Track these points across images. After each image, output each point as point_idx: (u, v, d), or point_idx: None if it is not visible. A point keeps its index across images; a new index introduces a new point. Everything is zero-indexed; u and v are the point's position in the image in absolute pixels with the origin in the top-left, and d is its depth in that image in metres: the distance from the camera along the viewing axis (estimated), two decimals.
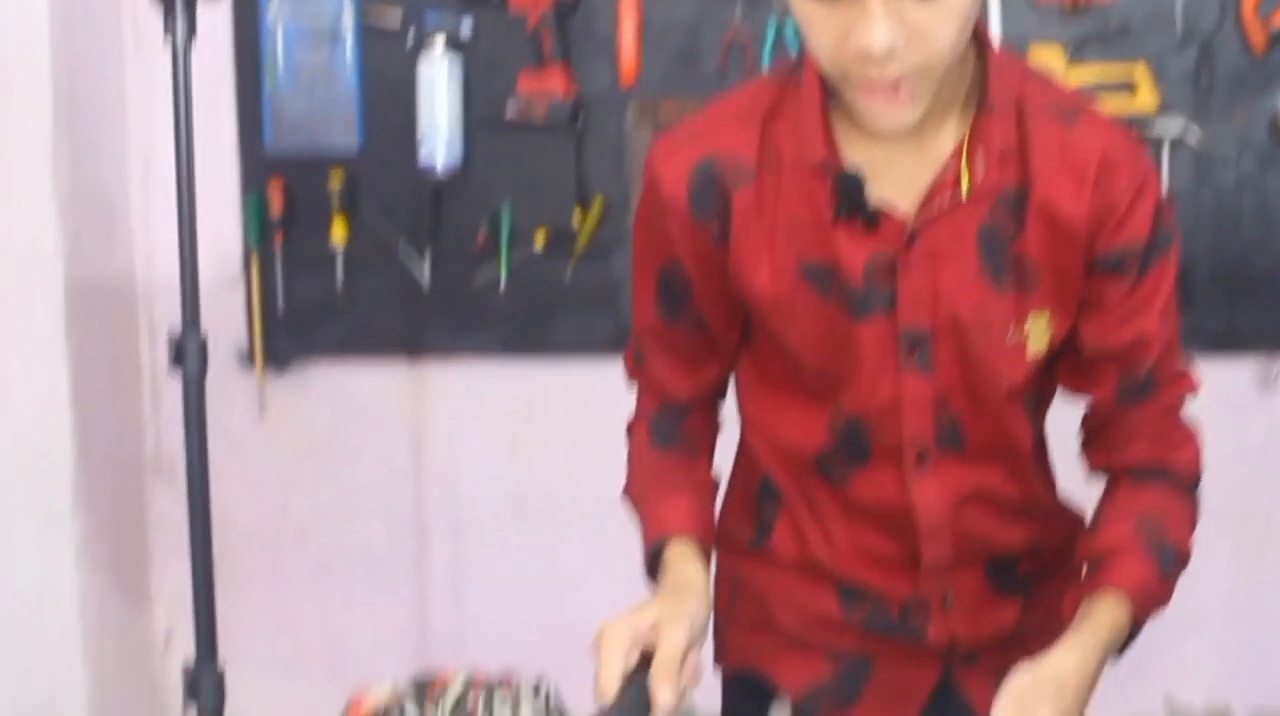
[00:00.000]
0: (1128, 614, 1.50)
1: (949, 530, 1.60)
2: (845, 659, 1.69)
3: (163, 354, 3.16)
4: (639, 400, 1.73)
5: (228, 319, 3.08)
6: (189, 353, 1.45)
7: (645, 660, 1.43)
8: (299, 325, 3.10)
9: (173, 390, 3.14)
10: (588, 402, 3.00)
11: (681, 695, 1.41)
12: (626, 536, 2.98)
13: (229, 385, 3.12)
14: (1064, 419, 1.68)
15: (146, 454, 3.20)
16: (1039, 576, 1.70)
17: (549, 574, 3.15)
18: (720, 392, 1.72)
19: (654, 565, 1.60)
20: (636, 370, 1.72)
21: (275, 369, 3.13)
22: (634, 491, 1.69)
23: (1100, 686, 1.48)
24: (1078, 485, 1.70)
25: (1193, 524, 1.60)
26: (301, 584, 3.22)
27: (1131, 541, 1.53)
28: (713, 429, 1.73)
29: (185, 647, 3.26)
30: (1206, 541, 1.62)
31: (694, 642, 1.45)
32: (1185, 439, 1.61)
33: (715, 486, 1.69)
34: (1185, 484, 1.60)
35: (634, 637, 1.42)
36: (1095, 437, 1.64)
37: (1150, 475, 1.59)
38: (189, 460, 1.47)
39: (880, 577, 1.64)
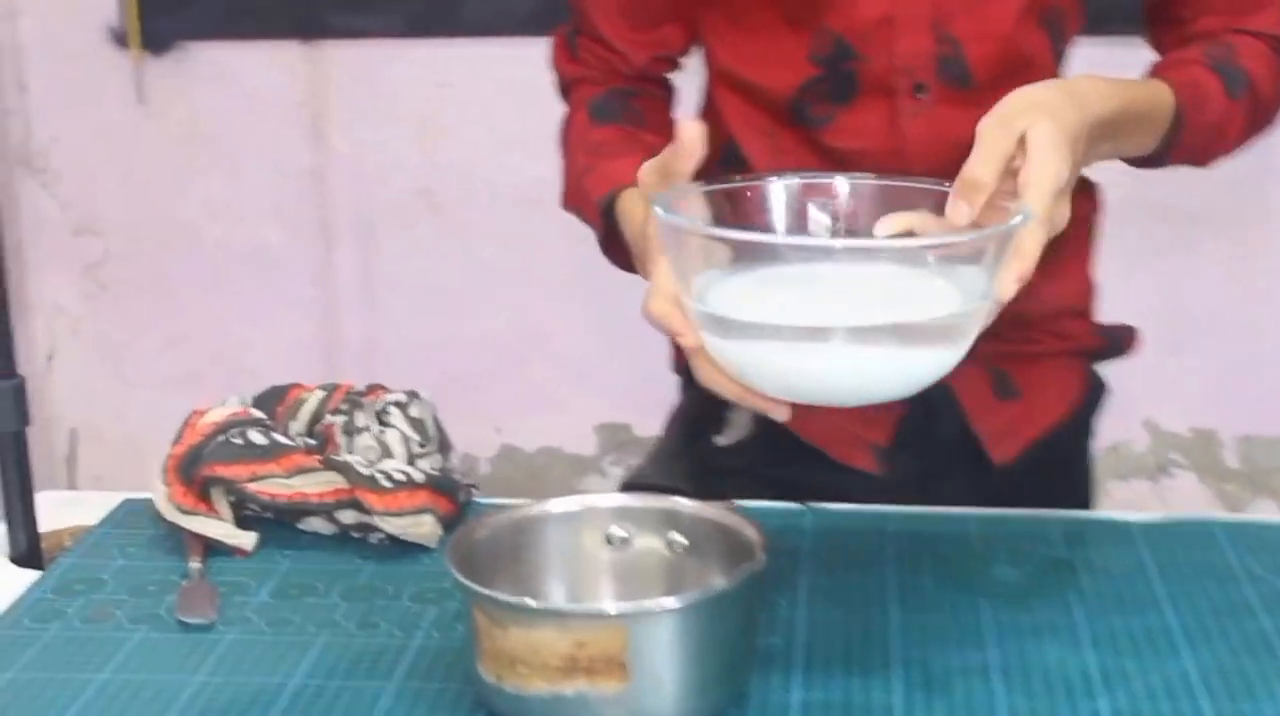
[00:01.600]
0: (1172, 99, 1.28)
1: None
2: None
3: (30, 36, 2.87)
4: (577, 94, 1.45)
5: None
6: None
7: None
8: None
9: (43, 74, 2.86)
10: (505, 87, 2.79)
11: None
12: (549, 231, 2.77)
13: (101, 69, 2.86)
14: None
15: (14, 145, 2.90)
16: None
17: (466, 275, 2.93)
18: (674, 66, 1.47)
19: (611, 232, 1.32)
20: (572, 59, 1.45)
21: (154, 50, 2.85)
22: (573, 182, 1.40)
23: None
24: None
25: (1274, 70, 1.36)
26: (194, 292, 2.99)
27: (1194, 57, 1.33)
28: (668, 100, 1.47)
29: (69, 366, 3.02)
30: (1200, 245, 1.36)
31: None
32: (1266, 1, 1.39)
33: None
34: (1266, 37, 1.38)
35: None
36: (1160, 15, 1.42)
37: (1225, 33, 1.37)
38: None
39: None
